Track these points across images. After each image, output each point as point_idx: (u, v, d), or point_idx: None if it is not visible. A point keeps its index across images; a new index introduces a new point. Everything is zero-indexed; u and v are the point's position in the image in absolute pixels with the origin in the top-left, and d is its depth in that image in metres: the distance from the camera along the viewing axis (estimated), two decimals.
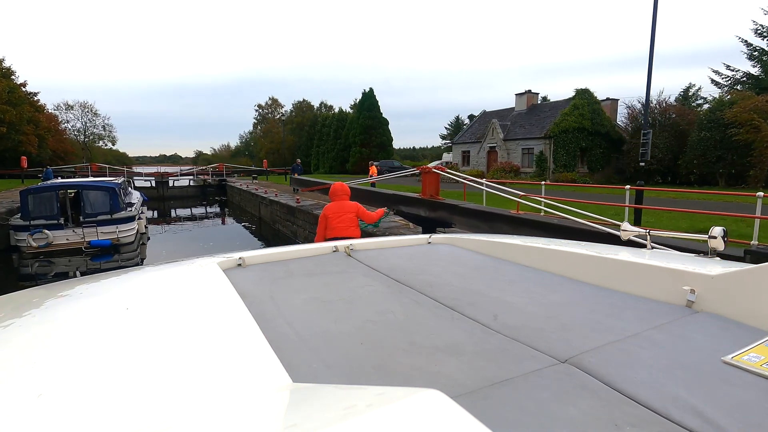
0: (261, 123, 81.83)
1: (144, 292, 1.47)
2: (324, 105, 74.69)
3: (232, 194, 30.41)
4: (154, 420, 0.65)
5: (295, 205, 16.17)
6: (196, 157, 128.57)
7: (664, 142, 25.40)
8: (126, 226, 14.26)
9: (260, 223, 20.78)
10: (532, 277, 1.77)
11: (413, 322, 1.28)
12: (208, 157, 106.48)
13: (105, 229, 13.75)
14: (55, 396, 0.74)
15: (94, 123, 61.69)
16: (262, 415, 0.65)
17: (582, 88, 28.61)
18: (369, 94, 49.84)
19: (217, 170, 38.76)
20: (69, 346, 0.99)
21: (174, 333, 1.06)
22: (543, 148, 28.10)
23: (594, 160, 28.30)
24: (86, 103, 60.39)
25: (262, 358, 0.86)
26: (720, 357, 1.02)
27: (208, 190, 34.74)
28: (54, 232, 12.80)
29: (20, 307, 1.35)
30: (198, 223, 23.26)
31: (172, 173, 38.04)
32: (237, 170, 42.66)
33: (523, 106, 32.63)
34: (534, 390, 0.89)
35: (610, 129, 28.98)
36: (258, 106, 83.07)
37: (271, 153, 67.26)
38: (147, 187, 32.44)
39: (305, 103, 76.56)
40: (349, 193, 5.33)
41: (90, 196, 13.95)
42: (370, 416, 0.51)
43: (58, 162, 40.89)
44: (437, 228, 7.95)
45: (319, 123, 60.88)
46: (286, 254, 2.06)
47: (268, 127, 77.24)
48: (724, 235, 1.70)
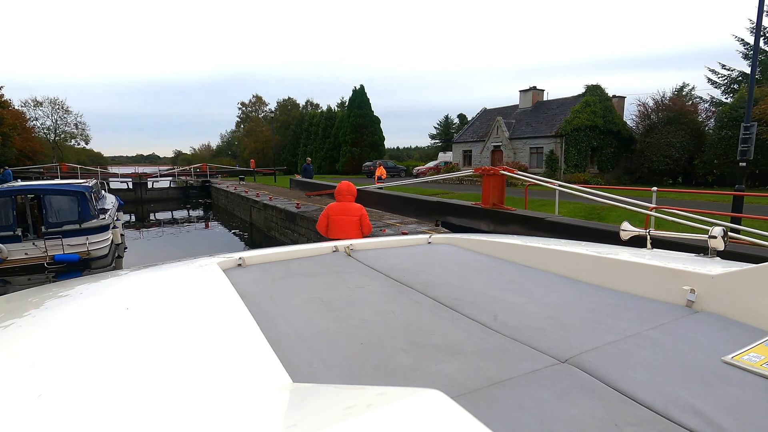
0: (244, 122, 78.76)
1: (144, 292, 1.47)
2: (310, 103, 72.35)
3: (218, 196, 28.80)
4: (154, 420, 0.65)
5: (295, 211, 14.36)
6: (176, 157, 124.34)
7: (681, 141, 24.11)
8: (98, 236, 11.95)
9: (252, 230, 19.07)
10: (532, 277, 1.77)
11: (413, 322, 1.27)
12: (188, 156, 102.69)
13: (72, 241, 11.43)
14: (55, 396, 0.74)
15: (66, 121, 57.34)
16: (263, 415, 0.65)
17: (593, 84, 27.03)
18: (360, 91, 47.66)
19: (200, 171, 37.06)
20: (69, 346, 0.99)
21: (174, 333, 1.06)
22: (553, 147, 26.39)
23: (605, 160, 26.80)
24: (57, 99, 56.16)
25: (262, 358, 0.87)
26: (720, 357, 1.02)
27: (191, 192, 33.16)
28: (9, 246, 10.60)
29: (20, 307, 1.35)
30: (180, 228, 21.59)
31: (151, 174, 36.29)
32: (222, 171, 40.76)
33: (528, 103, 30.90)
34: (534, 390, 0.89)
35: (621, 127, 27.52)
36: (241, 104, 79.98)
37: (256, 153, 64.65)
38: (123, 189, 30.95)
39: (290, 101, 74.06)
40: (355, 194, 5.07)
41: (54, 203, 11.59)
42: (371, 416, 0.51)
43: (26, 162, 37.89)
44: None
45: (306, 121, 58.58)
46: (286, 254, 2.05)
47: (252, 125, 74.35)
48: (724, 234, 1.66)
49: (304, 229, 13.22)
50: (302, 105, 73.25)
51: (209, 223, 23.33)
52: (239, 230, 19.45)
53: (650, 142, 25.02)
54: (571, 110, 26.26)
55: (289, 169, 48.44)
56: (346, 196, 4.97)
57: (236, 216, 22.70)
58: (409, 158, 63.87)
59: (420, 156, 75.66)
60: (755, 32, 8.36)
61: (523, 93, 31.46)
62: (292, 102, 73.92)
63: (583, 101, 26.20)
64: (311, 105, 71.72)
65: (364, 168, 39.20)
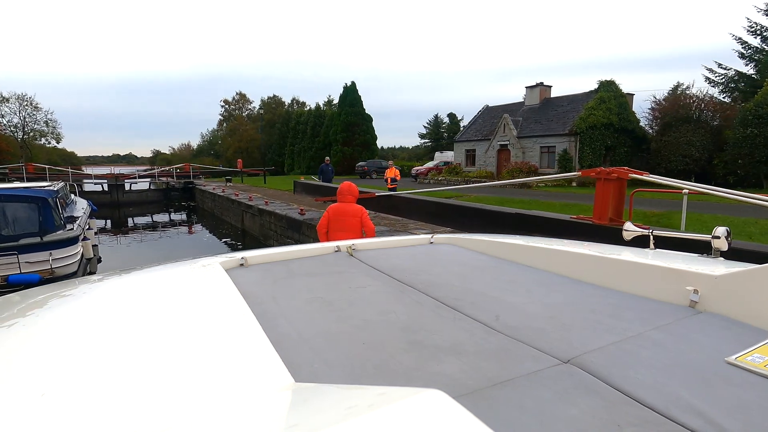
0: (227, 120, 75.73)
1: (147, 291, 1.47)
2: (296, 101, 69.85)
3: (203, 199, 26.83)
4: (156, 419, 0.66)
5: (300, 218, 12.44)
6: (154, 157, 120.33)
7: (700, 139, 22.81)
8: (64, 251, 9.61)
9: (245, 237, 17.12)
10: (533, 277, 1.77)
11: (415, 322, 1.27)
12: (167, 156, 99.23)
13: (31, 257, 9.05)
14: (58, 395, 0.75)
15: (35, 118, 53.36)
16: (265, 414, 0.66)
17: (607, 79, 25.48)
18: (351, 88, 45.55)
19: (181, 171, 34.97)
20: (72, 345, 0.99)
21: (177, 332, 1.06)
22: (567, 146, 24.72)
23: (617, 160, 25.29)
24: (25, 95, 52.35)
25: (264, 357, 0.87)
26: (723, 357, 1.01)
27: (173, 195, 30.98)
28: None
29: (23, 307, 1.35)
30: (161, 233, 19.95)
31: (129, 175, 34.18)
32: (206, 171, 38.54)
33: (535, 100, 29.15)
34: (536, 390, 0.89)
35: (635, 126, 26.09)
36: (224, 101, 76.81)
37: (240, 152, 61.92)
38: (98, 192, 28.86)
39: (276, 99, 71.46)
40: (356, 195, 4.94)
41: (8, 211, 9.21)
42: (372, 416, 0.51)
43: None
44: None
45: (293, 120, 56.15)
46: (288, 254, 2.05)
47: (236, 124, 71.46)
48: (728, 235, 1.65)
49: (312, 240, 11.26)
50: (288, 103, 70.81)
51: (193, 227, 21.64)
52: (230, 238, 17.42)
53: (667, 140, 23.65)
54: (585, 107, 24.61)
55: (276, 169, 46.17)
56: (347, 196, 4.84)
57: (225, 221, 20.80)
58: (395, 158, 61.55)
59: (409, 156, 73.84)
60: None
61: (529, 89, 29.70)
62: (277, 100, 71.33)
63: (597, 97, 24.59)
64: (297, 103, 69.27)
65: (357, 168, 37.27)
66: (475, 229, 5.44)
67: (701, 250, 1.73)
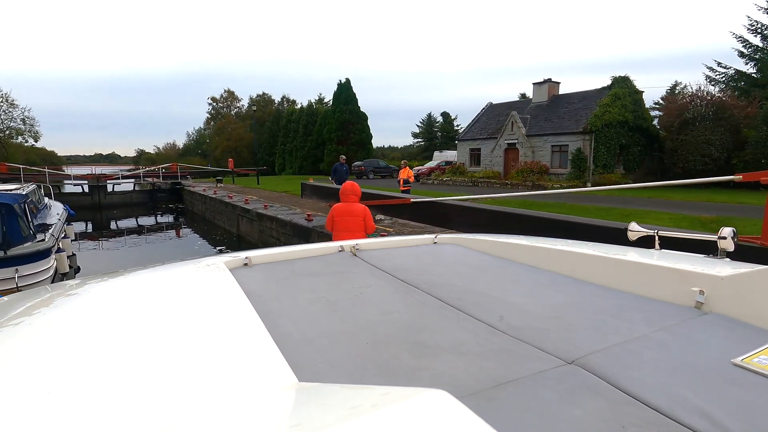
0: (215, 118, 73.35)
1: (151, 290, 1.46)
2: (286, 99, 67.85)
3: (192, 201, 25.23)
4: (160, 418, 0.66)
5: (308, 225, 11.07)
6: (138, 156, 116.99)
7: (719, 138, 21.79)
8: (33, 266, 8.07)
9: (240, 243, 15.76)
10: (537, 277, 1.76)
11: (418, 322, 1.27)
12: (152, 156, 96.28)
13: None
14: (64, 393, 0.75)
15: (11, 115, 50.61)
16: (268, 414, 0.66)
17: (621, 75, 24.29)
18: (346, 85, 43.86)
19: (168, 171, 33.13)
20: (77, 344, 0.99)
21: (181, 332, 1.06)
22: (581, 144, 23.43)
23: (631, 159, 24.18)
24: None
25: (267, 357, 0.87)
26: (729, 359, 1.00)
27: (159, 196, 29.23)
28: None
29: (28, 306, 1.35)
30: (147, 237, 18.64)
31: (111, 175, 32.61)
32: (194, 171, 36.74)
33: (543, 97, 27.77)
34: (540, 391, 0.88)
35: (649, 124, 24.96)
36: (212, 99, 74.27)
37: (229, 152, 59.83)
38: (78, 194, 26.92)
39: (265, 97, 69.39)
40: (359, 194, 5.02)
41: None
42: (375, 416, 0.51)
43: None
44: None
45: (284, 118, 54.26)
46: (291, 254, 2.04)
47: (224, 122, 69.18)
48: (734, 235, 1.62)
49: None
50: (277, 101, 68.79)
51: (181, 231, 20.29)
52: (225, 245, 15.86)
53: (685, 139, 22.56)
54: (598, 104, 23.34)
55: (267, 169, 44.36)
56: (350, 196, 4.92)
57: (218, 226, 19.27)
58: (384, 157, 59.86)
59: (402, 155, 72.34)
60: None
61: (537, 86, 28.30)
62: (266, 98, 69.25)
63: (612, 94, 23.34)
64: (287, 101, 67.21)
65: (354, 168, 35.75)
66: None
67: (707, 251, 1.69)
